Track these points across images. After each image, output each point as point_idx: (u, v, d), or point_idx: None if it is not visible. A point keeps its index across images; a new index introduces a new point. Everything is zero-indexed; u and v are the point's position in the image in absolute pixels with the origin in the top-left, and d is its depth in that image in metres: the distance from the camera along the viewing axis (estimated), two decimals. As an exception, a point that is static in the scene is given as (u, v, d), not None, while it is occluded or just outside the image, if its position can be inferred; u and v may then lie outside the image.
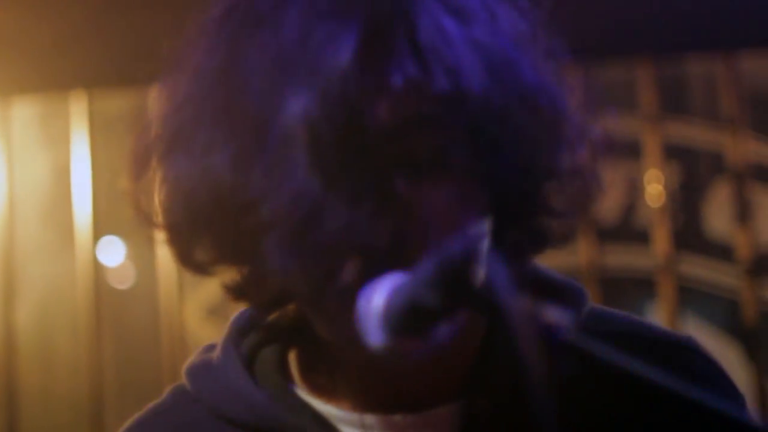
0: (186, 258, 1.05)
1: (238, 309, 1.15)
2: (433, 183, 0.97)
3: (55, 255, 3.69)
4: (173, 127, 1.02)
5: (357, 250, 0.94)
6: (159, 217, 1.05)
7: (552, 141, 1.01)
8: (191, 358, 1.16)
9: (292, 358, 1.11)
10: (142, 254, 3.70)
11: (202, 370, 1.13)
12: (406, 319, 0.91)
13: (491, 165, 0.99)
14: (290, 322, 1.10)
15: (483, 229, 0.94)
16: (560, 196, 1.03)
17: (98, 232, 3.65)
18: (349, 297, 0.94)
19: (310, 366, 1.10)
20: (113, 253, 3.75)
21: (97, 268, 3.67)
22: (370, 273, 0.93)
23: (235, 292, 1.06)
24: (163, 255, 1.07)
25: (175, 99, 1.02)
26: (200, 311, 3.68)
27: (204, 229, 1.01)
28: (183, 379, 1.15)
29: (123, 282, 3.78)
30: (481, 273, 0.88)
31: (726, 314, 3.68)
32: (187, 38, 1.04)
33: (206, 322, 3.69)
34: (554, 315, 0.84)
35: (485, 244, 0.88)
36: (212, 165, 0.97)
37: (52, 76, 3.63)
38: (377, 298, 0.92)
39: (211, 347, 1.16)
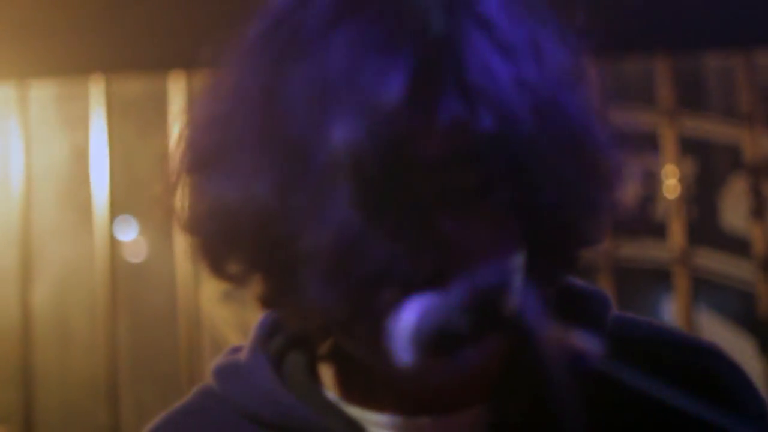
0: (218, 270, 1.05)
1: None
2: (474, 218, 0.97)
3: (72, 235, 3.70)
4: (211, 142, 1.01)
5: (396, 282, 0.94)
6: (192, 229, 1.04)
7: (592, 180, 1.01)
8: (218, 359, 1.16)
9: (321, 361, 1.12)
10: (158, 236, 3.72)
11: (229, 371, 1.14)
12: (434, 340, 0.93)
13: (531, 201, 0.99)
14: (319, 327, 1.09)
15: (517, 261, 0.95)
16: (595, 229, 1.04)
17: (115, 213, 3.66)
18: (382, 324, 0.95)
19: (338, 369, 1.10)
20: (130, 232, 3.76)
21: (114, 248, 3.69)
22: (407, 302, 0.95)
23: (267, 304, 1.06)
24: (180, 238, 1.07)
25: (214, 112, 1.02)
26: (216, 294, 3.69)
27: (240, 248, 1.01)
28: (207, 376, 1.15)
29: (140, 259, 3.78)
30: (512, 302, 0.89)
31: (740, 307, 3.68)
32: (227, 50, 1.02)
33: (222, 304, 3.70)
34: (581, 340, 0.85)
35: (518, 275, 0.89)
36: (254, 190, 0.97)
37: (70, 61, 3.63)
38: (408, 317, 0.94)
39: (237, 349, 1.16)
